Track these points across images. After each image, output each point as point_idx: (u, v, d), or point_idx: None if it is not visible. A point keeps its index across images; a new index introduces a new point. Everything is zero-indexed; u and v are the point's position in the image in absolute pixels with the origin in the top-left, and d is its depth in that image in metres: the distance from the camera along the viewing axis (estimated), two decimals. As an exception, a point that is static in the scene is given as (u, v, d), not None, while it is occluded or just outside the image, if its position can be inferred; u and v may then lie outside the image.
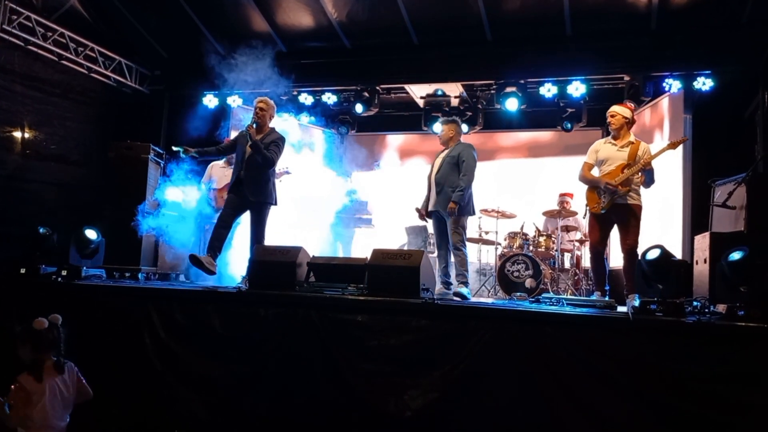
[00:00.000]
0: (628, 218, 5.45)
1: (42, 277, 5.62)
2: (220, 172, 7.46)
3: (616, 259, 7.88)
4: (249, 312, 4.65)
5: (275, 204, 6.01)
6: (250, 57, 7.43)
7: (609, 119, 5.69)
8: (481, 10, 7.49)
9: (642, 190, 5.55)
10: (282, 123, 9.21)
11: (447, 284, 5.96)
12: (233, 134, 6.66)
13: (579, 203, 8.24)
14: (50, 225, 6.14)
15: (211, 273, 5.76)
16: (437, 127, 6.60)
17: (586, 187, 5.78)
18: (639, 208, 5.49)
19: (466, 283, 5.80)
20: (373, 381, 4.23)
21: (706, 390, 3.60)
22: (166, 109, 9.26)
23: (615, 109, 5.71)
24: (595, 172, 5.76)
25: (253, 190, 5.80)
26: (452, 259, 5.96)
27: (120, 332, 4.88)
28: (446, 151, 6.09)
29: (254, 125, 5.90)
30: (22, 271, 5.67)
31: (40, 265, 5.71)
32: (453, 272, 5.95)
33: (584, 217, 7.60)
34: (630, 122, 5.68)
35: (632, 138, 5.62)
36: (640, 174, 5.45)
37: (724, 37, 7.15)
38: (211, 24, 8.55)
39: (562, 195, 8.45)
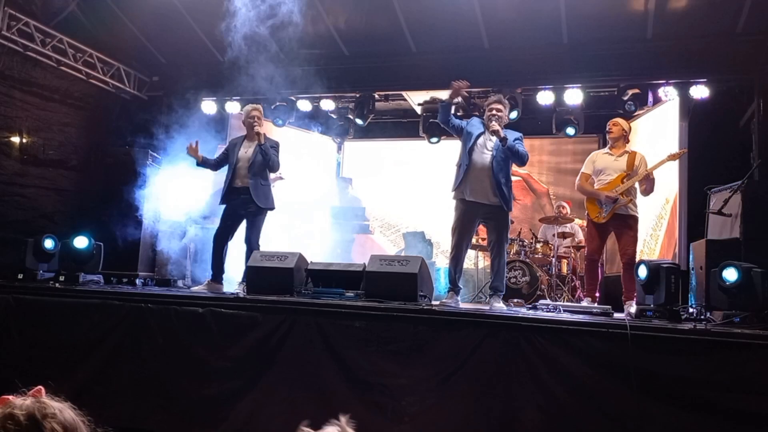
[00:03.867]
0: (627, 229, 5.55)
1: (39, 282, 5.63)
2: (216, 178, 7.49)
3: (610, 265, 7.92)
4: (247, 318, 4.65)
5: (273, 209, 6.05)
6: (248, 63, 7.45)
7: (610, 127, 5.78)
8: (478, 18, 7.53)
9: (638, 200, 5.65)
10: (280, 129, 9.26)
11: (497, 290, 5.37)
12: (220, 148, 6.56)
13: (574, 211, 8.32)
14: (48, 230, 6.15)
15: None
16: (496, 102, 5.45)
17: (582, 196, 5.87)
18: (636, 219, 5.63)
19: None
20: (370, 386, 4.23)
21: (702, 397, 3.62)
22: (164, 115, 9.28)
23: (617, 119, 5.83)
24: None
25: (261, 198, 5.81)
26: (495, 262, 5.37)
27: (117, 338, 4.88)
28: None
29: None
30: (20, 276, 5.68)
31: (37, 270, 5.72)
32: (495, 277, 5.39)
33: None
34: (626, 136, 5.85)
35: (628, 148, 5.74)
36: (642, 183, 5.54)
37: (720, 46, 7.20)
38: (210, 30, 8.57)
39: (558, 201, 8.52)
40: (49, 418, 1.40)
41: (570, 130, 8.46)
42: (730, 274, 4.17)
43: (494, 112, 5.36)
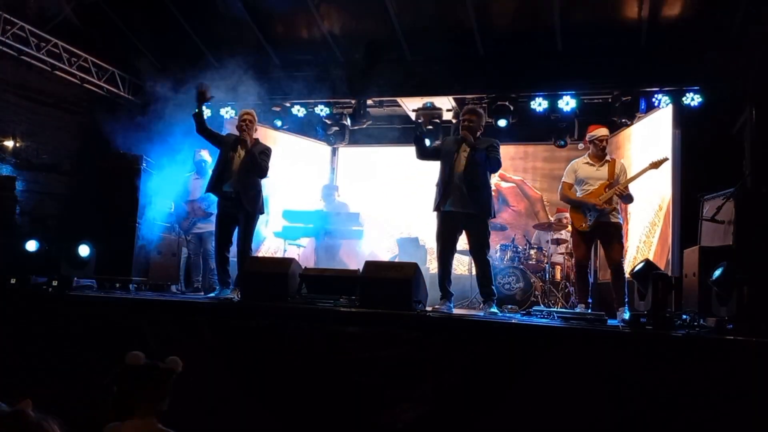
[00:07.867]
0: (613, 236, 5.60)
1: (32, 288, 5.59)
2: (195, 183, 7.48)
3: (603, 272, 7.94)
4: (241, 323, 4.64)
5: (263, 213, 6.05)
6: (244, 69, 7.45)
7: (601, 142, 5.78)
8: (473, 25, 7.57)
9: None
10: (275, 134, 9.27)
11: (488, 295, 5.44)
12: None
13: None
14: (41, 235, 6.12)
15: None
16: (467, 113, 5.62)
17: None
18: (620, 226, 5.67)
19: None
20: (365, 393, 4.23)
21: (696, 403, 3.63)
22: (158, 120, 9.25)
23: (604, 132, 5.85)
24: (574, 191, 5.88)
25: (251, 202, 5.76)
26: (478, 269, 5.43)
27: (111, 343, 4.86)
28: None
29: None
30: (12, 281, 5.64)
31: (30, 276, 5.69)
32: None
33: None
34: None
35: (608, 157, 5.79)
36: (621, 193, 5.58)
37: (712, 55, 7.26)
38: (205, 36, 8.58)
39: (560, 211, 8.51)
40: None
41: (561, 142, 8.53)
42: (718, 271, 4.20)
43: (466, 123, 5.52)
